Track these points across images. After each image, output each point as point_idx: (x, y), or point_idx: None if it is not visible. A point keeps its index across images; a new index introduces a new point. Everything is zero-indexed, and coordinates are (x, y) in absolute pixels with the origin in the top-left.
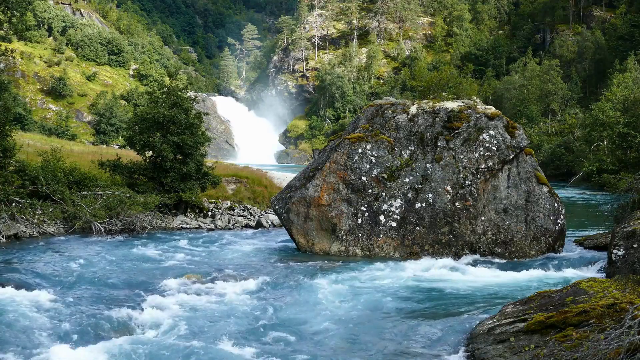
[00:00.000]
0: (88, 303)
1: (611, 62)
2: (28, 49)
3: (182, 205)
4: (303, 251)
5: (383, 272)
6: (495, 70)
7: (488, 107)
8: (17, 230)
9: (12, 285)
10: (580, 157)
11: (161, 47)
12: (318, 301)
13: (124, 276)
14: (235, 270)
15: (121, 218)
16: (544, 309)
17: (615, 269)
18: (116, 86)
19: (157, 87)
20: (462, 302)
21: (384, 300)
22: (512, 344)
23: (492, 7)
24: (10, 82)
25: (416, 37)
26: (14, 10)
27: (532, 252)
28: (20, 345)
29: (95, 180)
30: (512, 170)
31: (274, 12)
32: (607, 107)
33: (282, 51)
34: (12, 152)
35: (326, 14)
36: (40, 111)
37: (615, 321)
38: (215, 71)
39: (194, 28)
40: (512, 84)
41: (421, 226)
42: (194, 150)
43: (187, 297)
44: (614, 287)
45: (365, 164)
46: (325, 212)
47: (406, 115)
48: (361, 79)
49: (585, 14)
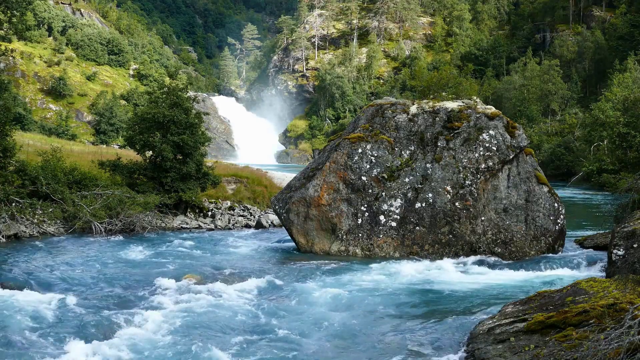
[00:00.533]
0: (88, 303)
1: (611, 62)
2: (28, 49)
3: (182, 205)
4: (303, 251)
5: (383, 272)
6: (495, 70)
7: (488, 107)
8: (17, 230)
9: (12, 285)
10: (580, 157)
11: (161, 47)
12: (318, 301)
13: (123, 276)
14: (235, 270)
15: (121, 218)
16: (544, 309)
17: (615, 269)
18: (116, 86)
19: (157, 87)
20: (462, 302)
21: (384, 300)
22: (512, 344)
23: (492, 7)
24: (10, 82)
25: (416, 37)
26: (14, 10)
27: (532, 252)
28: (20, 345)
29: (95, 180)
30: (512, 170)
31: (274, 12)
32: (607, 107)
33: (282, 51)
34: (12, 152)
35: (326, 13)
36: (40, 111)
37: (615, 321)
38: (215, 71)
39: (194, 28)
40: (512, 84)
41: (421, 226)
42: (194, 150)
43: (186, 297)
44: (614, 287)
45: (365, 163)
46: (325, 212)
47: (406, 115)
48: (361, 79)
49: (585, 14)
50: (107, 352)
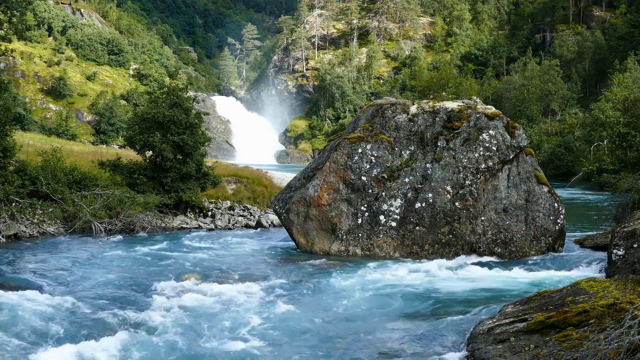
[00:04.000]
0: (87, 303)
1: (611, 62)
2: (28, 49)
3: (182, 205)
4: (303, 251)
5: (383, 272)
6: (495, 70)
7: (488, 107)
8: (17, 230)
9: (12, 285)
10: (580, 157)
11: (161, 47)
12: (318, 301)
13: (123, 276)
14: (235, 270)
15: (121, 218)
16: (544, 309)
17: (615, 268)
18: (116, 86)
19: (157, 87)
20: (462, 302)
21: (384, 300)
22: (512, 344)
23: (492, 7)
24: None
25: (416, 37)
26: (14, 10)
27: (532, 252)
28: (20, 345)
29: (95, 180)
30: (512, 170)
31: (274, 12)
32: (607, 107)
33: (282, 51)
34: (12, 152)
35: (326, 13)
36: (40, 111)
37: (615, 321)
38: (215, 71)
39: (194, 28)
40: (512, 84)
41: (421, 226)
42: (194, 150)
43: (186, 297)
44: (614, 287)
45: (365, 163)
46: (325, 212)
47: (406, 115)
48: (361, 79)
49: (585, 14)
50: (107, 352)
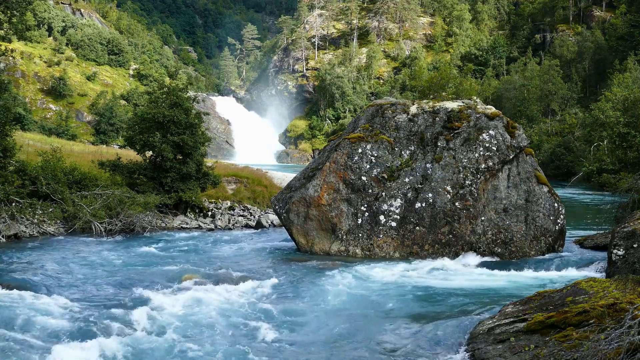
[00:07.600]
0: (87, 303)
1: (611, 62)
2: (28, 49)
3: (182, 205)
4: (303, 251)
5: (383, 272)
6: (495, 70)
7: (488, 107)
8: (17, 230)
9: (12, 285)
10: (580, 157)
11: (161, 47)
12: (318, 301)
13: (123, 276)
14: (235, 271)
15: (121, 218)
16: (544, 309)
17: (615, 269)
18: (116, 86)
19: (157, 87)
20: (462, 302)
21: (384, 300)
22: (512, 344)
23: (492, 7)
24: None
25: (416, 37)
26: (14, 10)
27: (532, 252)
28: (20, 345)
29: (95, 180)
30: (512, 170)
31: (274, 12)
32: (607, 107)
33: (282, 51)
34: (12, 152)
35: (326, 14)
36: (40, 111)
37: (615, 321)
38: (215, 71)
39: (194, 28)
40: (512, 84)
41: (421, 226)
42: (194, 150)
43: (186, 297)
44: (614, 287)
45: (365, 164)
46: (325, 212)
47: (406, 115)
48: (361, 79)
49: (585, 14)
50: (106, 352)
